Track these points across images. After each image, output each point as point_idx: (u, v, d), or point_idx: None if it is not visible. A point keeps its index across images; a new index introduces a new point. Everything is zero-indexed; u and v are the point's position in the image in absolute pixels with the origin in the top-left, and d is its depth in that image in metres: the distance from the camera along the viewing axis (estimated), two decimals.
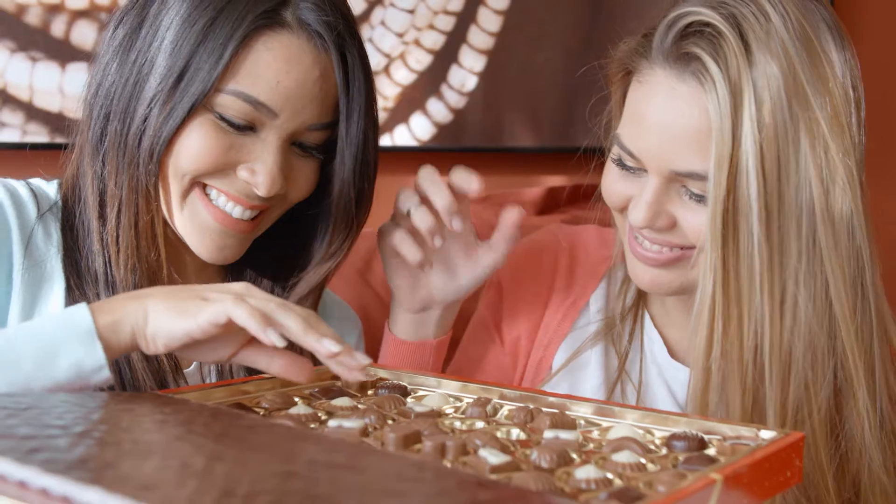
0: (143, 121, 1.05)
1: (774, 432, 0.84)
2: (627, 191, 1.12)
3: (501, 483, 0.68)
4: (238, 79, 1.04)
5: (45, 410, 0.77)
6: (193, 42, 1.04)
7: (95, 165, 1.09)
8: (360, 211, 1.16)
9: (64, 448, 0.66)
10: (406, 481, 0.65)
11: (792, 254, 1.04)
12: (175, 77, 1.04)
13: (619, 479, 0.74)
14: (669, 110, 1.05)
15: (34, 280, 1.08)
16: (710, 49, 1.03)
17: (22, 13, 1.77)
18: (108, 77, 1.08)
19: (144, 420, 0.79)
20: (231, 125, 1.06)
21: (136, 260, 1.07)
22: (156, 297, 0.89)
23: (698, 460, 0.78)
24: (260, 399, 0.94)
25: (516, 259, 1.31)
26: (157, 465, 0.65)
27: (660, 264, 1.12)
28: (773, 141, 1.02)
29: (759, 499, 0.76)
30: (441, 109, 2.20)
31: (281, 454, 0.71)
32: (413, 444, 0.81)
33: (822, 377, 1.06)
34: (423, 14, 2.16)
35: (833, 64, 1.06)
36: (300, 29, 1.06)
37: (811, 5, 1.07)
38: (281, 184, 1.08)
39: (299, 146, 1.10)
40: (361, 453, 0.73)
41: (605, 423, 0.91)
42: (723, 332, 1.05)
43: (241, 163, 1.07)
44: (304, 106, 1.07)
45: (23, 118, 1.79)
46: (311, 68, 1.06)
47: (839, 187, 1.04)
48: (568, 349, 1.26)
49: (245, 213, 1.09)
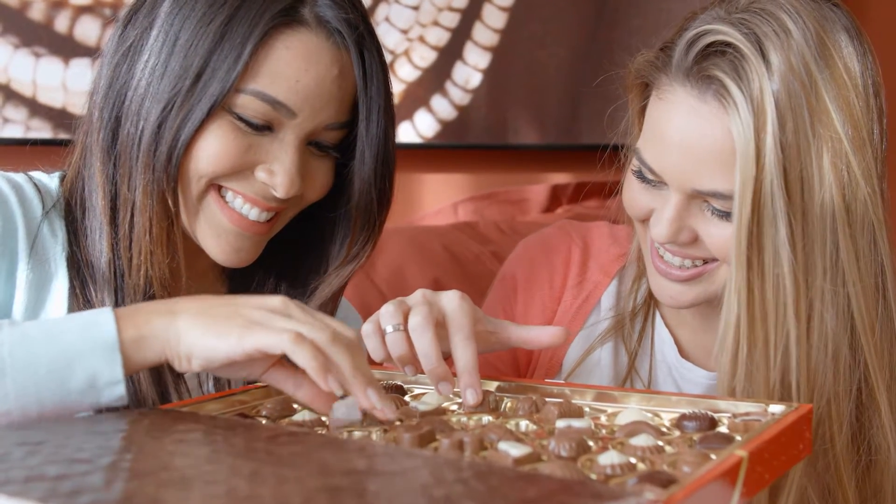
0: (159, 124, 1.03)
1: (784, 406, 0.84)
2: (649, 203, 1.12)
3: (541, 475, 0.68)
4: (257, 78, 1.03)
5: (62, 443, 0.74)
6: (210, 42, 1.02)
7: (107, 169, 1.06)
8: (382, 211, 1.14)
9: (101, 486, 0.64)
10: (451, 484, 0.64)
11: (818, 272, 1.03)
12: (192, 79, 1.02)
13: (642, 463, 0.74)
14: (691, 130, 1.05)
15: (38, 279, 1.06)
16: (733, 72, 1.02)
17: (25, 9, 1.77)
18: (119, 79, 1.06)
19: (165, 442, 0.77)
20: (249, 125, 1.04)
21: (148, 266, 1.05)
22: (188, 312, 0.86)
23: (715, 439, 0.79)
24: (259, 408, 0.94)
25: (529, 255, 1.31)
26: (204, 495, 0.63)
27: (683, 280, 1.12)
28: (797, 160, 1.02)
29: (777, 473, 0.76)
30: (445, 106, 2.20)
31: (315, 466, 0.69)
32: (429, 442, 0.80)
33: (845, 391, 1.06)
34: (428, 11, 2.15)
35: (854, 75, 1.05)
36: (318, 27, 1.05)
37: (830, 13, 1.06)
38: (299, 184, 1.06)
39: (316, 146, 1.09)
40: (392, 456, 0.73)
41: (610, 408, 0.91)
42: (748, 355, 1.05)
43: (259, 163, 1.05)
44: (323, 105, 1.05)
45: (26, 114, 1.79)
46: (330, 66, 1.05)
47: (860, 202, 1.04)
48: (579, 347, 1.25)
49: (262, 214, 1.07)
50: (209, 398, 0.94)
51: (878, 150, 1.07)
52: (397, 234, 1.82)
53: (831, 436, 1.06)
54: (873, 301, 1.06)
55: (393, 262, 1.75)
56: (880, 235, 1.06)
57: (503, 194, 2.18)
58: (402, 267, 1.75)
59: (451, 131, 2.21)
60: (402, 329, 0.94)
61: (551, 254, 1.30)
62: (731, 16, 1.05)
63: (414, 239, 1.82)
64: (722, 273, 1.10)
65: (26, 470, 0.67)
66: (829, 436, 1.06)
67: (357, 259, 1.14)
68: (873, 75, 1.07)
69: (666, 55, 1.08)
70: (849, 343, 1.06)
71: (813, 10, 1.05)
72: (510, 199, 2.17)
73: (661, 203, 1.10)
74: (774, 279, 1.03)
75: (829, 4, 1.07)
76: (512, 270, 1.31)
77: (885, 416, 1.08)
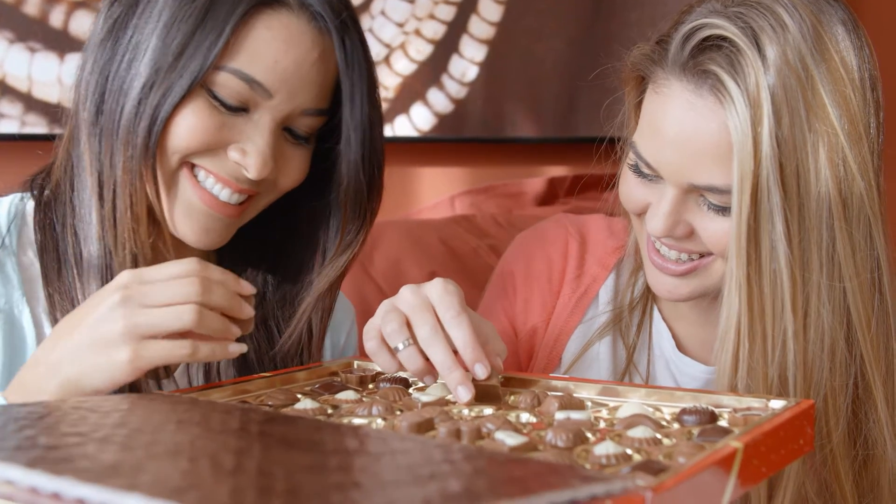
0: (139, 101, 1.03)
1: (785, 401, 0.85)
2: (645, 197, 1.12)
3: (531, 459, 0.68)
4: (236, 57, 1.03)
5: (61, 418, 0.76)
6: (193, 20, 1.02)
7: (92, 145, 1.06)
8: (372, 199, 1.13)
9: (91, 455, 0.65)
10: (438, 463, 0.65)
11: (814, 267, 1.04)
12: (173, 56, 1.02)
13: (638, 454, 0.75)
14: (687, 125, 1.04)
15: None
16: (729, 66, 1.01)
17: (20, 3, 1.77)
18: (104, 54, 1.06)
19: (161, 420, 0.78)
20: (224, 105, 1.04)
21: (132, 243, 1.05)
22: (66, 350, 0.91)
23: (713, 432, 0.79)
24: (263, 397, 0.94)
25: (527, 249, 1.31)
26: (188, 467, 0.64)
27: (679, 274, 1.12)
28: (793, 154, 1.01)
29: (776, 468, 0.76)
30: (442, 100, 2.19)
31: (305, 445, 0.70)
32: (426, 431, 0.81)
33: (842, 386, 1.07)
34: (424, 4, 2.15)
35: (850, 68, 1.04)
36: (301, 9, 1.05)
37: (827, 6, 1.05)
38: (271, 167, 1.06)
39: (291, 133, 1.09)
40: (384, 439, 0.73)
41: (611, 402, 0.91)
42: (749, 351, 1.05)
43: (233, 143, 1.05)
44: (301, 88, 1.05)
45: (21, 109, 1.78)
46: (310, 49, 1.05)
47: (857, 196, 1.03)
48: (578, 341, 1.25)
49: (233, 196, 1.07)
50: (212, 386, 0.95)
51: (875, 144, 1.07)
52: (394, 227, 1.82)
53: (828, 430, 1.07)
54: (869, 296, 1.06)
55: (390, 255, 1.75)
56: (876, 230, 1.06)
57: (500, 187, 2.17)
58: (399, 260, 1.75)
59: (448, 124, 2.21)
60: (412, 343, 0.93)
61: (548, 247, 1.30)
62: (728, 9, 1.04)
63: (411, 232, 1.82)
64: (717, 267, 1.10)
65: (18, 440, 0.68)
66: (826, 430, 1.07)
67: (350, 249, 1.14)
68: (870, 69, 1.07)
69: (662, 49, 1.08)
70: (845, 337, 1.06)
71: (809, 2, 1.04)
72: (507, 193, 2.17)
73: (657, 197, 1.10)
74: (772, 274, 1.03)
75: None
76: (509, 266, 1.31)
77: (882, 411, 1.08)
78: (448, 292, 0.94)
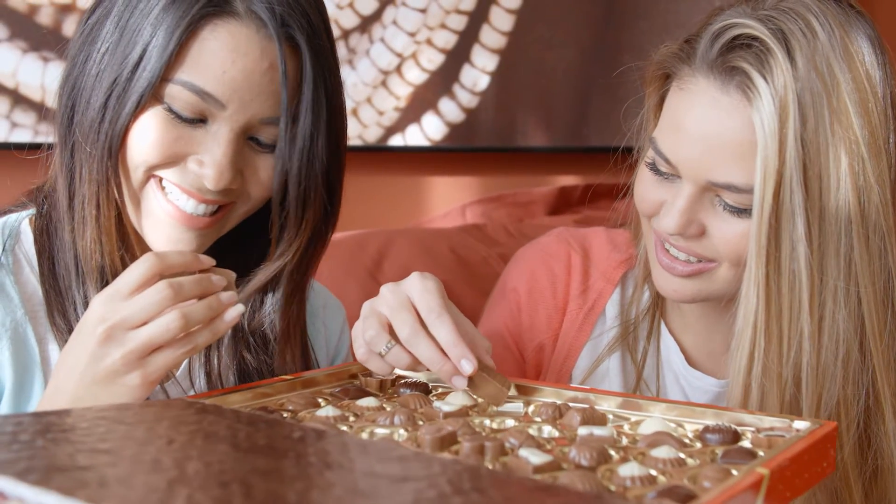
0: (102, 113, 1.03)
1: (808, 423, 0.84)
2: (661, 196, 1.12)
3: (562, 488, 0.68)
4: (185, 68, 1.02)
5: (88, 431, 0.75)
6: (148, 31, 1.02)
7: (64, 157, 1.06)
8: (306, 211, 1.10)
9: (123, 479, 0.65)
10: (467, 492, 0.64)
11: (832, 271, 1.04)
12: (130, 67, 1.02)
13: (662, 476, 0.74)
14: (710, 121, 1.05)
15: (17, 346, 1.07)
16: (758, 64, 1.02)
17: (34, 13, 1.78)
18: (77, 67, 1.06)
19: (186, 434, 0.77)
20: (180, 117, 1.03)
21: (99, 255, 1.05)
22: (87, 400, 0.91)
23: (737, 454, 0.78)
24: (284, 402, 0.94)
25: (529, 265, 1.30)
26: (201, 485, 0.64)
27: (684, 275, 1.12)
28: (816, 157, 1.02)
29: (800, 491, 0.76)
30: (453, 109, 2.20)
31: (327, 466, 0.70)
32: (450, 445, 0.80)
33: (854, 394, 1.06)
34: (436, 13, 2.15)
35: (874, 82, 1.05)
36: (248, 18, 1.03)
37: (855, 20, 1.07)
38: (230, 178, 1.04)
39: (256, 142, 1.07)
40: (412, 462, 0.72)
41: (633, 416, 0.91)
42: (765, 350, 1.05)
43: (192, 154, 1.04)
44: (253, 98, 1.03)
45: (35, 118, 1.79)
46: (259, 59, 1.03)
47: (874, 206, 1.04)
48: (588, 357, 1.25)
49: (199, 207, 1.06)
50: (231, 390, 0.95)
51: (893, 159, 1.07)
52: (405, 236, 1.82)
53: (840, 441, 1.06)
54: (882, 307, 1.06)
55: (400, 263, 1.75)
56: (890, 244, 1.06)
57: (511, 197, 2.18)
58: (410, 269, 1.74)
59: (459, 134, 2.21)
60: (395, 343, 0.95)
61: (551, 261, 1.29)
62: (758, 12, 1.05)
63: (422, 241, 1.82)
64: (721, 273, 1.10)
65: (49, 459, 0.68)
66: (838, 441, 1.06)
67: (282, 257, 1.11)
68: (892, 87, 1.08)
69: (690, 46, 1.08)
70: (859, 348, 1.06)
71: (838, 14, 1.05)
72: (518, 202, 2.17)
73: (672, 196, 1.10)
74: (790, 274, 1.03)
75: (855, 12, 1.08)
76: (513, 284, 1.30)
77: (889, 423, 1.08)
78: (427, 290, 0.95)
